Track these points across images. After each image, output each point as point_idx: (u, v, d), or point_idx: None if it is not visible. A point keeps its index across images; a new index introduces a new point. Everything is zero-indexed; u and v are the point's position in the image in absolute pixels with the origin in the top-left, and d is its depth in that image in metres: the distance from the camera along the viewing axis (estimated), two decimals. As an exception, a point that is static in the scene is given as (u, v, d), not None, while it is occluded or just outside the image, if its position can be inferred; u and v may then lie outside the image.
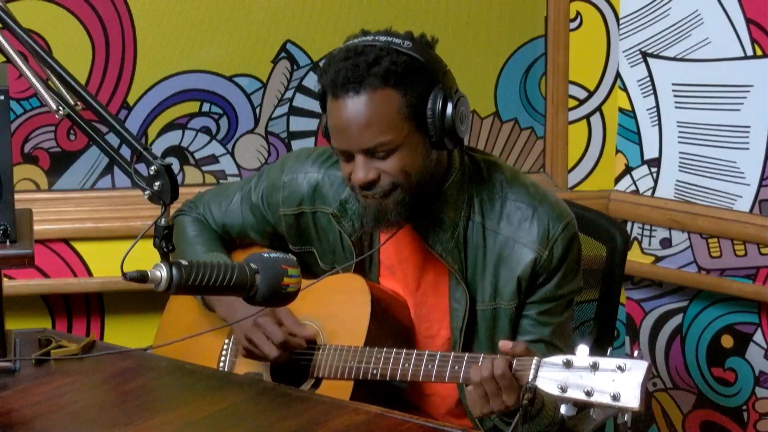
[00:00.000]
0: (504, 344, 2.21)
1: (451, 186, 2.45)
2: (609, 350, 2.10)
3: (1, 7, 2.09)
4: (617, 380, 2.04)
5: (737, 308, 3.34)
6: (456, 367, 2.30)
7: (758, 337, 3.31)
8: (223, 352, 2.66)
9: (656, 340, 3.49)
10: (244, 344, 2.53)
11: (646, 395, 2.12)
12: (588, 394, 2.05)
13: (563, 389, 2.08)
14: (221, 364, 2.65)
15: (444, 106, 2.37)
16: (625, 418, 2.05)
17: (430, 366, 2.34)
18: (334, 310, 2.54)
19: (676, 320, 3.45)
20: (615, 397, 2.03)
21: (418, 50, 2.38)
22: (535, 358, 2.15)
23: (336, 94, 2.37)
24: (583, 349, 2.09)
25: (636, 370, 2.03)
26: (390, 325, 2.51)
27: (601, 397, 2.04)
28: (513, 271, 2.45)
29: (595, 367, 2.06)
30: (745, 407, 3.38)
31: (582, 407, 2.09)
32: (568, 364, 2.09)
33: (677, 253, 3.38)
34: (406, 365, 2.37)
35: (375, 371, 2.40)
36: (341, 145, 2.39)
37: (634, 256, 3.39)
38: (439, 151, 2.42)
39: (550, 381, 2.10)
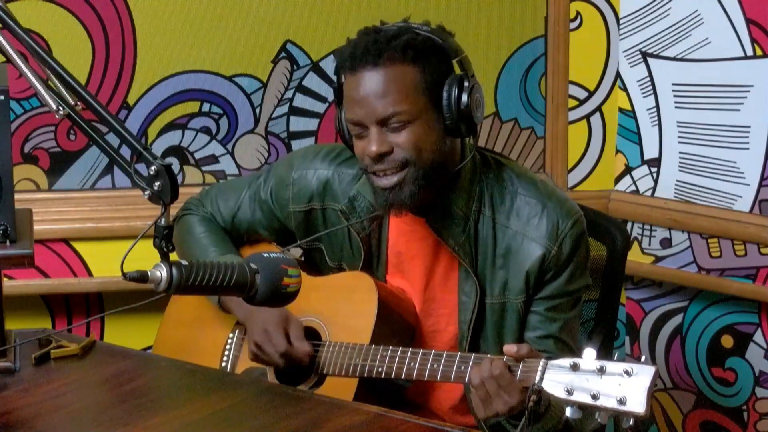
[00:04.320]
0: (508, 348, 2.20)
1: (463, 178, 2.45)
2: (615, 354, 2.10)
3: (1, 7, 2.09)
4: (624, 385, 2.03)
5: (737, 308, 3.33)
6: (462, 368, 2.30)
7: (758, 337, 3.31)
8: (227, 347, 2.66)
9: (656, 340, 3.49)
10: (252, 348, 2.54)
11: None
12: (594, 397, 2.05)
13: (569, 392, 2.08)
14: (224, 359, 2.65)
15: (460, 90, 2.38)
16: (631, 423, 2.05)
17: (435, 365, 2.33)
18: (340, 307, 2.54)
19: (676, 320, 3.45)
20: (621, 402, 2.03)
21: (437, 33, 2.42)
22: (542, 360, 2.15)
23: (354, 68, 2.38)
24: (590, 353, 2.08)
25: (643, 375, 2.03)
26: (396, 324, 2.51)
27: (607, 401, 2.04)
28: (521, 265, 2.45)
29: (602, 370, 2.05)
30: (745, 407, 3.37)
31: (587, 410, 2.08)
32: (574, 367, 2.08)
33: (677, 253, 3.38)
34: (412, 364, 2.36)
35: (380, 369, 2.40)
36: (356, 116, 2.39)
37: (634, 256, 3.38)
38: (452, 139, 2.43)
39: (557, 383, 2.10)
